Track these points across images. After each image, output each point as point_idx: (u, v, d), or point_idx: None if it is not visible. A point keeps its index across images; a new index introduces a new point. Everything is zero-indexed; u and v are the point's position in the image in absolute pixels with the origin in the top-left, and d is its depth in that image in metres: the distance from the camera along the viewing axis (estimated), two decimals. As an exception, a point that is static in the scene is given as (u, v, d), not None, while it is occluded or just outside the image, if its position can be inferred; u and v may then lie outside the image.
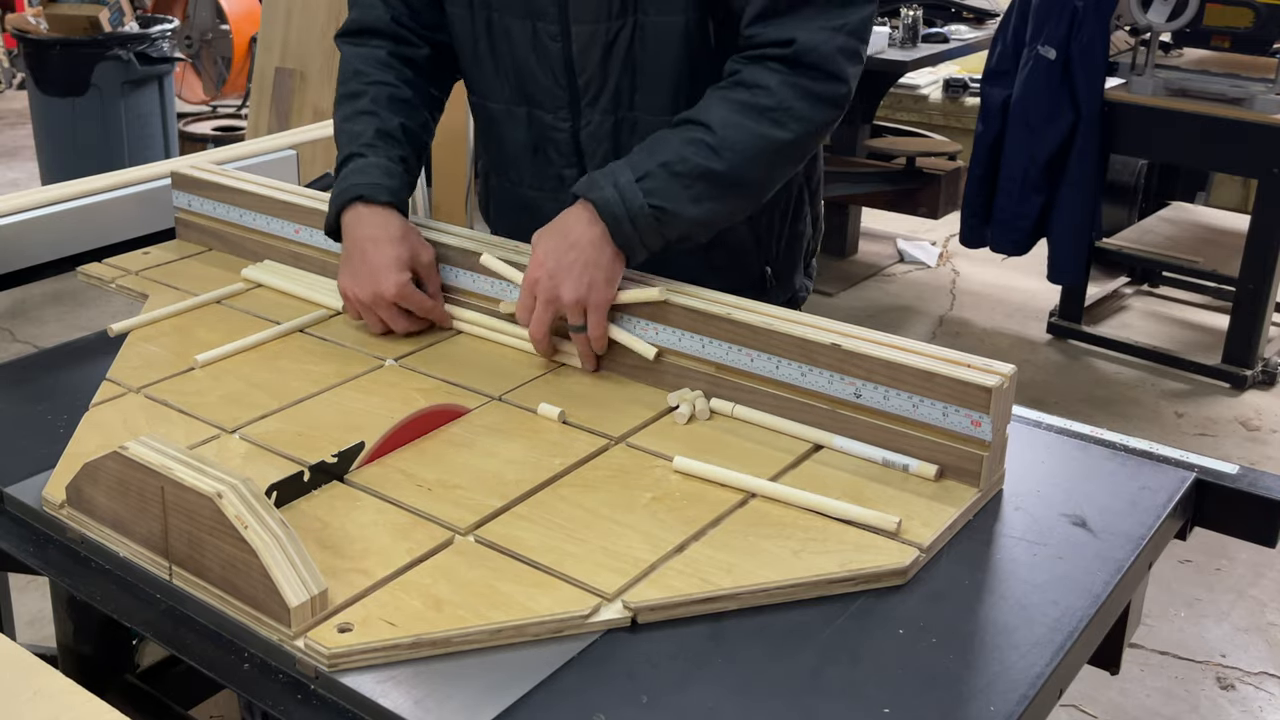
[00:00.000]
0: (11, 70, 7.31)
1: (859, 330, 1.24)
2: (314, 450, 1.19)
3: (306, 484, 1.13)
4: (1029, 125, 4.05)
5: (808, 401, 1.23)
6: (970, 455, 1.14)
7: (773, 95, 1.33)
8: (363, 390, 1.34)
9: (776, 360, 1.24)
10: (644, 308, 1.33)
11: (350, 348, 1.43)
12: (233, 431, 1.24)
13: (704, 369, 1.30)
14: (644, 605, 0.98)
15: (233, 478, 0.98)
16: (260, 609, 0.96)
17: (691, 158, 1.32)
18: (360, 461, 1.17)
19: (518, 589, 1.00)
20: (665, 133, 1.37)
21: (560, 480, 1.16)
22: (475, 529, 1.08)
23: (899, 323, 4.56)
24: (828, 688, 0.92)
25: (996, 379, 1.13)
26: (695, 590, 1.00)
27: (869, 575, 1.03)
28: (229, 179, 1.71)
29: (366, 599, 0.99)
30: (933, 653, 0.96)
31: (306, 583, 0.95)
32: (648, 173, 1.32)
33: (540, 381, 1.35)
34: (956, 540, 1.10)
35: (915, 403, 1.16)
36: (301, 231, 1.62)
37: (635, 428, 1.26)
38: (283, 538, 0.96)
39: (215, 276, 1.63)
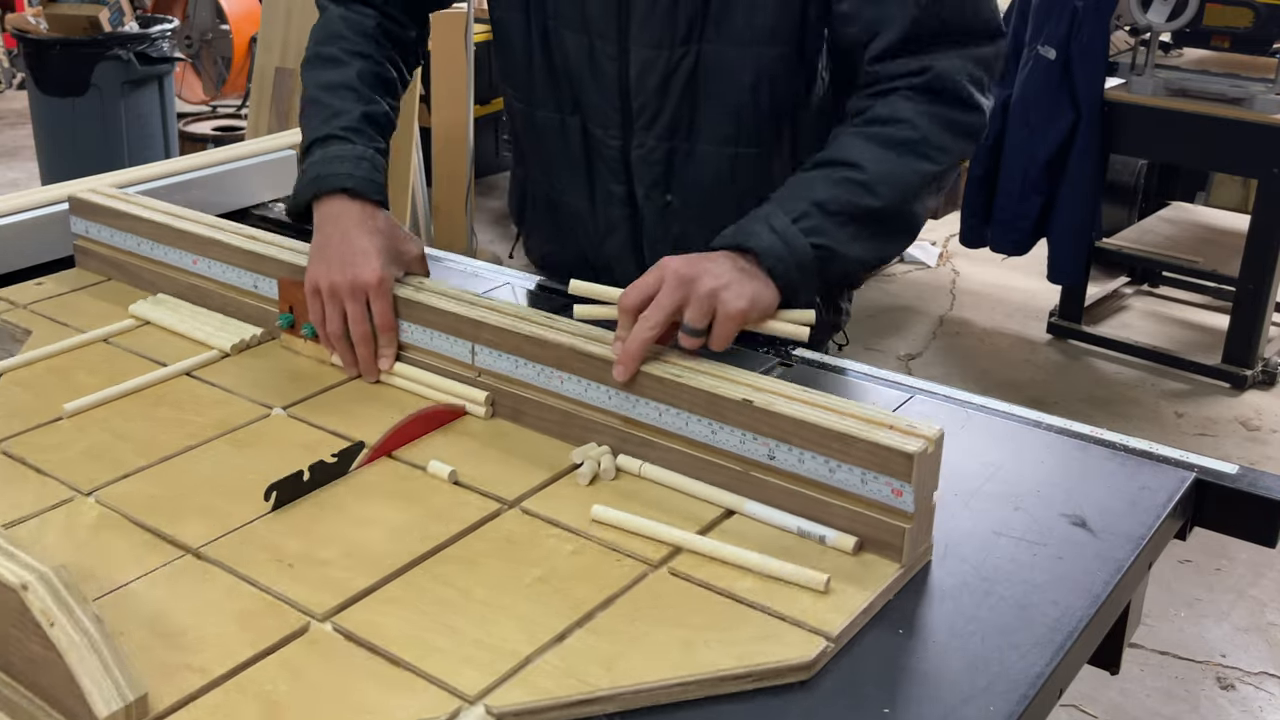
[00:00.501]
0: (11, 70, 7.31)
1: (776, 385, 1.12)
2: (170, 518, 1.08)
3: (306, 484, 1.12)
4: (1029, 125, 4.06)
5: (719, 461, 1.13)
6: (891, 527, 1.04)
7: (915, 128, 1.29)
8: (240, 444, 1.22)
9: (685, 416, 1.14)
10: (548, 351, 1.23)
11: (237, 394, 1.32)
12: (88, 494, 1.13)
13: (611, 422, 1.20)
14: (509, 710, 0.88)
15: (43, 566, 0.86)
16: (69, 716, 0.85)
17: (844, 196, 1.25)
18: (360, 461, 1.17)
19: (371, 689, 0.89)
20: (803, 176, 1.30)
21: (440, 553, 1.05)
22: (334, 614, 0.97)
23: (899, 323, 4.56)
24: (828, 688, 0.92)
25: (920, 443, 1.02)
26: (569, 692, 0.89)
27: (768, 671, 0.92)
28: (127, 205, 1.58)
29: (195, 703, 0.87)
30: (933, 653, 0.96)
31: (120, 688, 0.84)
32: (803, 213, 1.24)
33: (439, 434, 1.24)
34: (956, 540, 1.10)
35: (832, 467, 1.06)
36: (199, 263, 1.50)
37: (533, 488, 1.15)
38: (95, 635, 0.85)
39: (106, 312, 1.50)
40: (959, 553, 1.08)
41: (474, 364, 1.29)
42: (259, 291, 1.45)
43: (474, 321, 1.27)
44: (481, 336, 1.27)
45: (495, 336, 1.26)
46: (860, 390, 1.35)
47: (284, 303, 1.40)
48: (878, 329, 4.50)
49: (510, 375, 1.26)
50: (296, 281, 1.38)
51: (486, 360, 1.28)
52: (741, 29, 1.36)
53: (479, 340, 1.28)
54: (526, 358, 1.24)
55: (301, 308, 1.37)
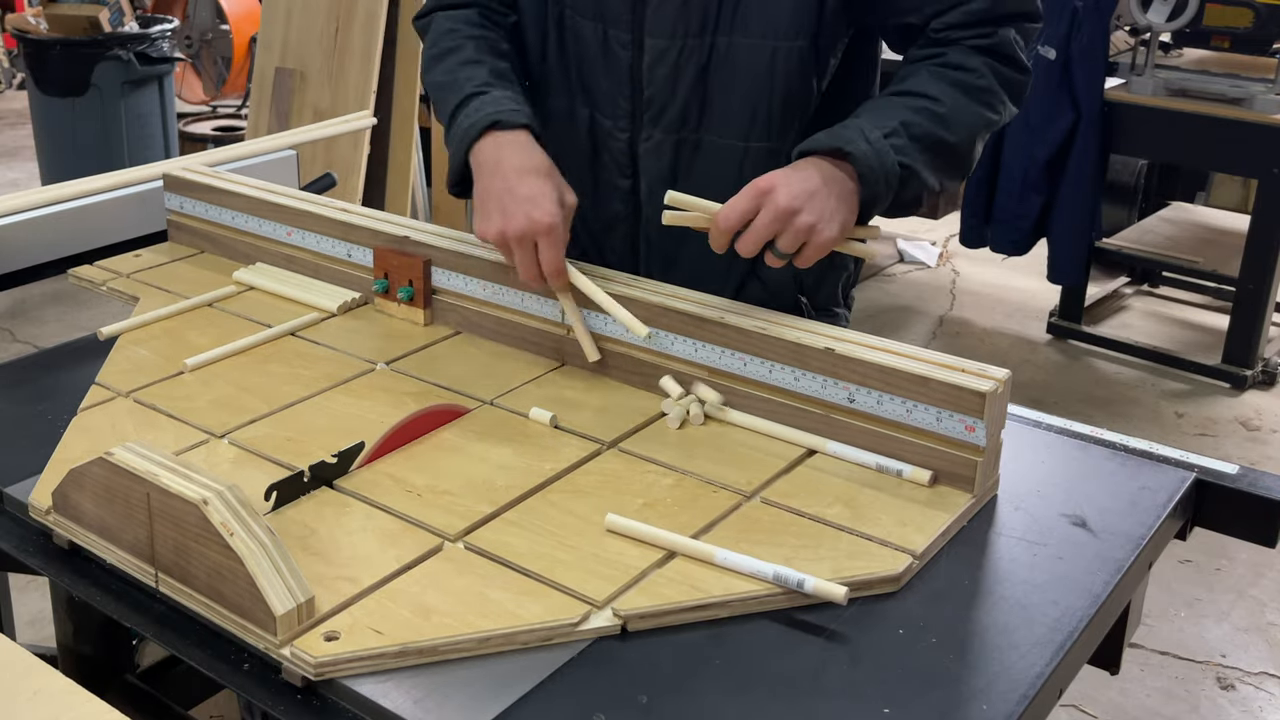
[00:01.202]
0: (11, 70, 7.31)
1: (853, 334, 1.23)
2: (304, 456, 1.18)
3: (306, 484, 1.13)
4: (1029, 125, 4.05)
5: (801, 406, 1.22)
6: (964, 461, 1.14)
7: (983, 77, 1.35)
8: (353, 394, 1.33)
9: (769, 365, 1.23)
10: (637, 308, 1.31)
11: (341, 351, 1.43)
12: (222, 436, 1.23)
13: (697, 373, 1.29)
14: (634, 613, 0.98)
15: (219, 484, 0.97)
16: (246, 617, 0.95)
17: (925, 124, 1.32)
18: (360, 461, 1.17)
19: (506, 596, 0.99)
20: (884, 99, 1.36)
21: (551, 486, 1.15)
22: (464, 535, 1.07)
23: (899, 323, 4.56)
24: (828, 688, 0.92)
25: (991, 384, 1.12)
26: (685, 598, 0.99)
27: (861, 582, 1.02)
28: (221, 181, 1.70)
29: (353, 607, 0.98)
30: (933, 653, 0.96)
31: (293, 590, 0.95)
32: (893, 130, 1.30)
33: (532, 385, 1.35)
34: (956, 541, 1.10)
35: (909, 408, 1.15)
36: (294, 234, 1.61)
37: (627, 432, 1.25)
38: (269, 545, 0.95)
39: (207, 279, 1.62)
40: (959, 553, 1.08)
41: (564, 322, 1.38)
42: (353, 260, 1.55)
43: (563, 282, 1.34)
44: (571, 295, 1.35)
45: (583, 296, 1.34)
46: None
47: (379, 269, 1.52)
48: (878, 329, 4.50)
49: (600, 332, 1.35)
50: (390, 249, 1.50)
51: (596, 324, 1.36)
52: (758, 22, 1.37)
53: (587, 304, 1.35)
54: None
55: (395, 273, 1.48)
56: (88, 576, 1.07)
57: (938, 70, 1.36)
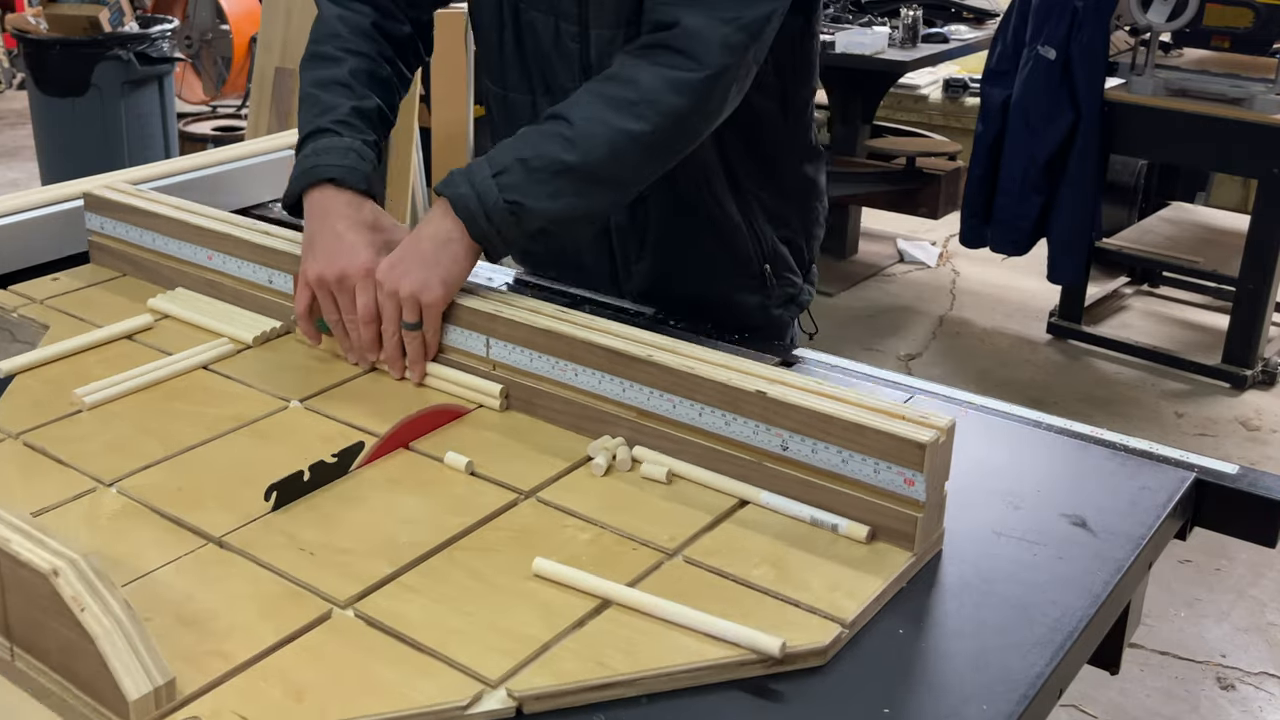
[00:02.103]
0: (11, 70, 7.31)
1: (789, 376, 1.14)
2: (192, 508, 1.09)
3: (306, 484, 1.12)
4: (1029, 125, 4.06)
5: (733, 453, 1.14)
6: (904, 516, 1.04)
7: (637, 88, 1.30)
8: (259, 436, 1.23)
9: (699, 407, 1.15)
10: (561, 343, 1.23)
11: (254, 387, 1.32)
12: (110, 485, 1.14)
13: (625, 414, 1.20)
14: (530, 694, 0.88)
15: (73, 553, 0.87)
16: (100, 699, 0.86)
17: (548, 152, 1.29)
18: (360, 461, 1.17)
19: (395, 673, 0.90)
20: (528, 129, 1.34)
21: (458, 543, 1.06)
22: (356, 601, 0.98)
23: (899, 323, 4.56)
24: (827, 687, 0.92)
25: (932, 433, 1.03)
26: (590, 676, 0.90)
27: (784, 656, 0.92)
28: (142, 201, 1.58)
29: (222, 687, 0.88)
30: (933, 653, 0.96)
31: (150, 672, 0.85)
32: (505, 168, 1.29)
33: (455, 425, 1.25)
34: (956, 540, 1.10)
35: (845, 457, 1.07)
36: (214, 258, 1.50)
37: (548, 479, 1.15)
38: (124, 621, 0.86)
39: (125, 306, 1.50)
40: (959, 553, 1.08)
41: (489, 357, 1.30)
42: (274, 286, 1.46)
43: (488, 315, 1.29)
44: (496, 330, 1.29)
45: (509, 330, 1.28)
46: (860, 390, 1.35)
47: None
48: (878, 329, 4.50)
49: (524, 368, 1.27)
50: None
51: (501, 354, 1.29)
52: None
53: (494, 334, 1.29)
54: (540, 350, 1.25)
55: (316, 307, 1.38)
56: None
57: (594, 85, 1.33)
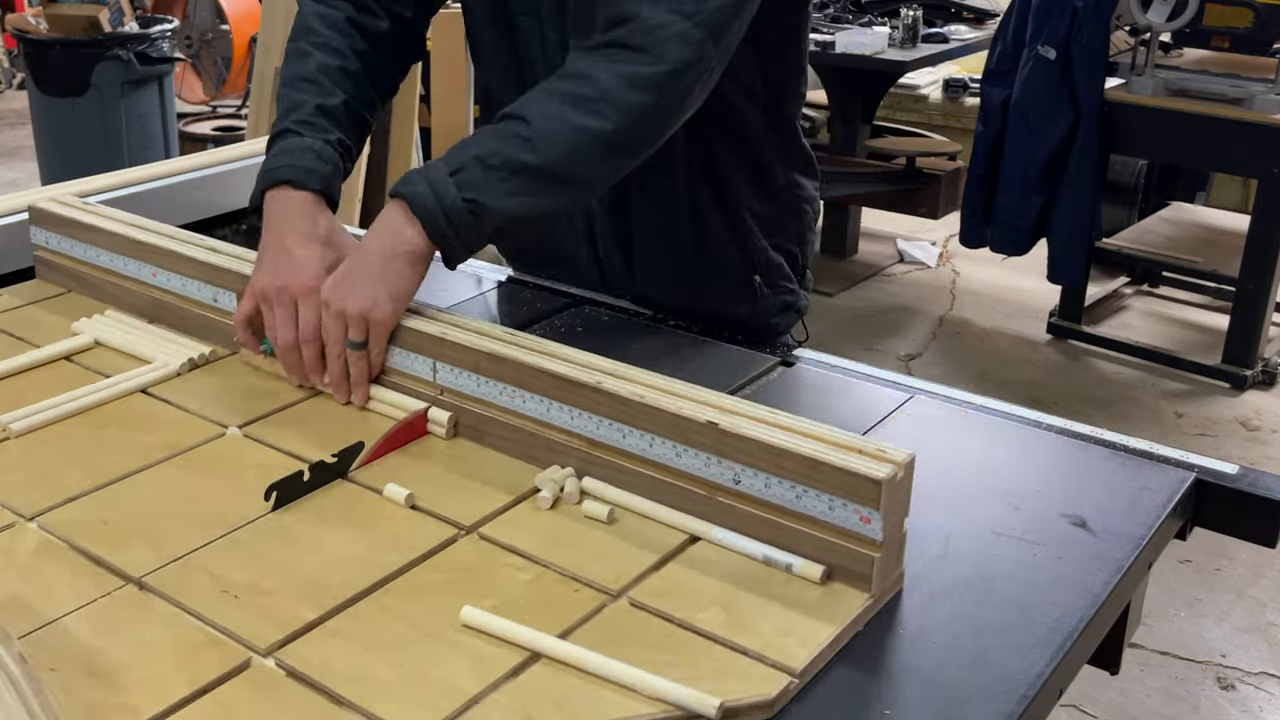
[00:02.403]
0: (11, 70, 7.31)
1: (745, 406, 1.09)
2: (115, 546, 1.04)
3: (306, 484, 1.12)
4: (1029, 125, 4.06)
5: (685, 485, 1.09)
6: (859, 555, 1.00)
7: (595, 84, 1.27)
8: (191, 467, 1.17)
9: (650, 438, 1.10)
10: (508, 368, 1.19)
11: (192, 412, 1.27)
12: (31, 519, 1.08)
13: (574, 443, 1.16)
14: None
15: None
16: None
17: (505, 151, 1.26)
18: (361, 461, 1.17)
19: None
20: (485, 128, 1.32)
21: (390, 584, 1.01)
22: (278, 649, 0.92)
23: (899, 323, 4.56)
24: (827, 687, 0.92)
25: (889, 469, 0.98)
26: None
27: (731, 709, 0.88)
28: (87, 215, 1.52)
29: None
30: (933, 653, 0.96)
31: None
32: (462, 166, 1.26)
33: (397, 453, 1.20)
34: (957, 540, 1.10)
35: (799, 493, 1.02)
36: (159, 275, 1.44)
37: (493, 513, 1.11)
38: (18, 678, 0.82)
39: (66, 326, 1.44)
40: (959, 553, 1.08)
41: (435, 381, 1.25)
42: (219, 305, 1.40)
43: (435, 338, 1.24)
44: (443, 354, 1.24)
45: (456, 354, 1.22)
46: (860, 390, 1.35)
47: None
48: (878, 329, 4.50)
49: (472, 394, 1.22)
50: None
51: (448, 378, 1.24)
52: None
53: (440, 357, 1.24)
54: (488, 376, 1.20)
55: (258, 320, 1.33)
56: None
57: (549, 84, 1.31)
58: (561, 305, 1.56)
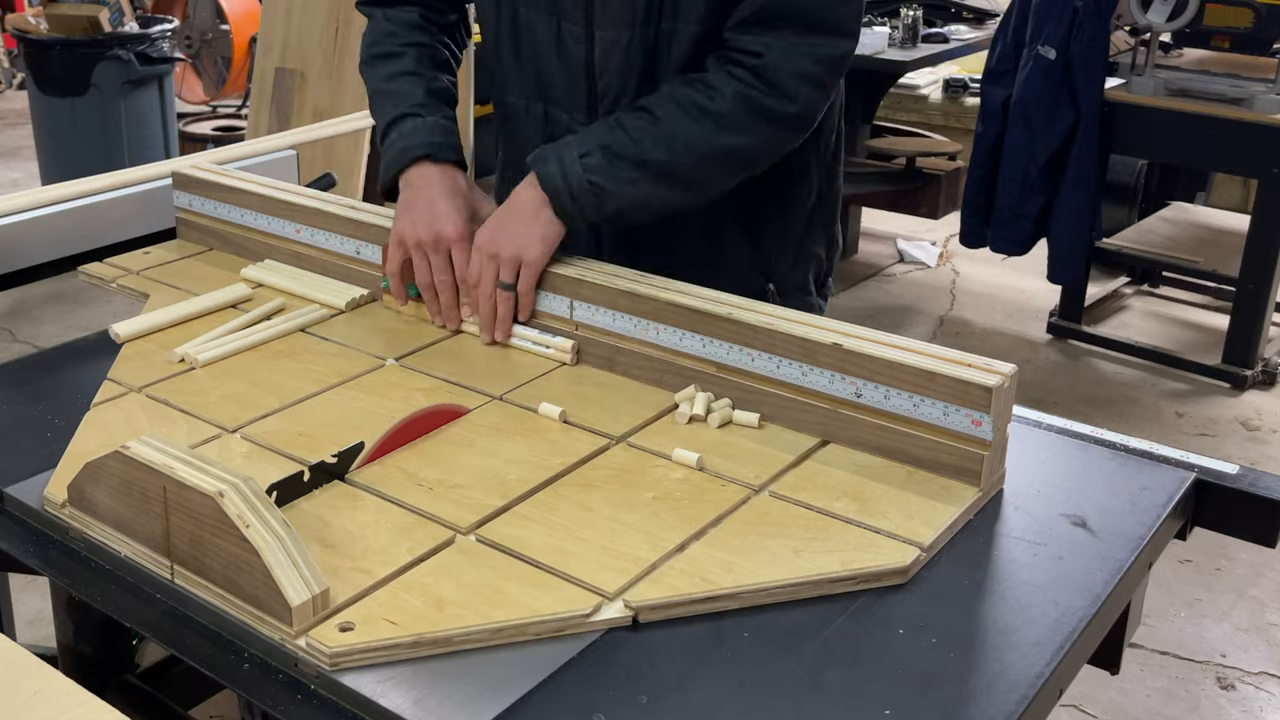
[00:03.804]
0: (11, 70, 7.31)
1: (859, 330, 1.24)
2: (315, 450, 1.19)
3: (306, 484, 1.13)
4: (1029, 125, 4.05)
5: (809, 401, 1.23)
6: (971, 455, 1.14)
7: (724, 101, 1.37)
8: (364, 390, 1.33)
9: (777, 360, 1.24)
10: (644, 304, 1.33)
11: (351, 347, 1.43)
12: (234, 431, 1.24)
13: (704, 368, 1.30)
14: (645, 604, 0.99)
15: (234, 477, 0.98)
16: (262, 608, 0.96)
17: (635, 143, 1.37)
18: (360, 461, 1.17)
19: (519, 588, 1.00)
20: (619, 114, 1.41)
21: (561, 480, 1.16)
22: (476, 528, 1.08)
23: (899, 323, 4.56)
24: (828, 688, 0.92)
25: (997, 379, 1.13)
26: (696, 590, 1.00)
27: (870, 574, 1.03)
28: (230, 179, 1.71)
29: (368, 598, 0.99)
30: (933, 653, 0.96)
31: (308, 582, 0.95)
32: (589, 150, 1.37)
33: (541, 381, 1.35)
34: (957, 540, 1.10)
35: (916, 402, 1.16)
36: (303, 231, 1.62)
37: (636, 427, 1.26)
38: (284, 537, 0.96)
39: (216, 276, 1.63)
40: (959, 553, 1.08)
41: (572, 319, 1.40)
42: (361, 256, 1.56)
43: (573, 279, 1.39)
44: (580, 293, 1.38)
45: (593, 293, 1.37)
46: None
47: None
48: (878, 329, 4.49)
49: (608, 328, 1.37)
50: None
51: (585, 315, 1.39)
52: (699, 8, 1.40)
53: (578, 296, 1.39)
54: (624, 311, 1.35)
55: (404, 270, 1.47)
56: (88, 576, 1.07)
57: (678, 87, 1.40)
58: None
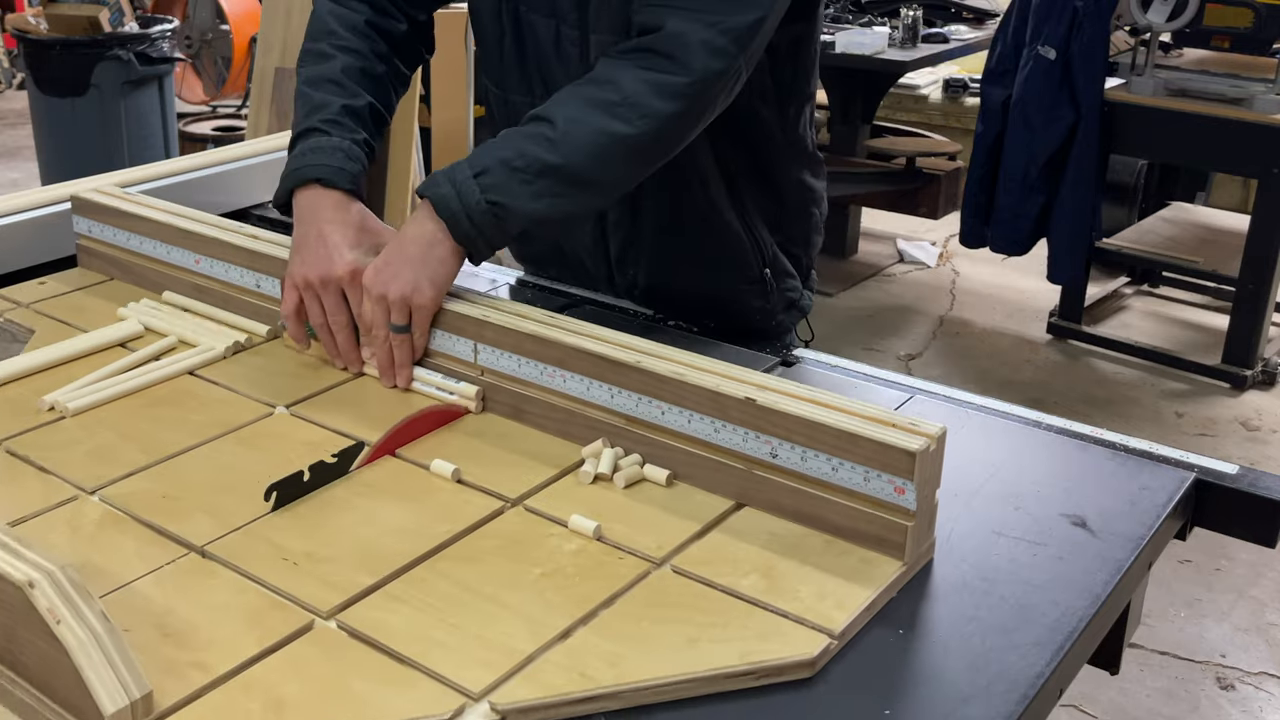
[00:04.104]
0: (11, 70, 7.31)
1: (778, 383, 1.13)
2: (175, 516, 1.09)
3: (306, 484, 1.12)
4: (1029, 125, 4.05)
5: (722, 460, 1.13)
6: (894, 525, 1.04)
7: (620, 90, 1.29)
8: (243, 443, 1.22)
9: (688, 414, 1.14)
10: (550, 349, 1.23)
11: (239, 393, 1.32)
12: (92, 493, 1.13)
13: (614, 420, 1.20)
14: (514, 707, 0.88)
15: (52, 564, 0.86)
16: (76, 714, 0.86)
17: (530, 152, 1.28)
18: (360, 461, 1.17)
19: (374, 687, 0.90)
20: (510, 130, 1.33)
21: (443, 552, 1.05)
22: (338, 612, 0.97)
23: (899, 323, 4.56)
24: (828, 687, 0.92)
25: (922, 442, 1.02)
26: (574, 688, 0.89)
27: (772, 668, 0.92)
28: (129, 204, 1.58)
29: (199, 701, 0.88)
30: (933, 653, 0.96)
31: (126, 685, 0.85)
32: (486, 168, 1.29)
33: (441, 433, 1.25)
34: (957, 540, 1.10)
35: (835, 465, 1.06)
36: (201, 262, 1.50)
37: (536, 486, 1.15)
38: (101, 633, 0.85)
39: (111, 311, 1.50)
40: (959, 553, 1.08)
41: (476, 362, 1.29)
42: (262, 290, 1.45)
43: (476, 320, 1.28)
44: (484, 335, 1.28)
45: (497, 335, 1.27)
46: (860, 390, 1.36)
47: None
48: (878, 329, 4.50)
49: (513, 374, 1.26)
50: None
51: (489, 359, 1.28)
52: None
53: (481, 339, 1.28)
54: (529, 356, 1.25)
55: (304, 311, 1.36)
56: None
57: (576, 87, 1.33)
58: (560, 305, 1.56)
